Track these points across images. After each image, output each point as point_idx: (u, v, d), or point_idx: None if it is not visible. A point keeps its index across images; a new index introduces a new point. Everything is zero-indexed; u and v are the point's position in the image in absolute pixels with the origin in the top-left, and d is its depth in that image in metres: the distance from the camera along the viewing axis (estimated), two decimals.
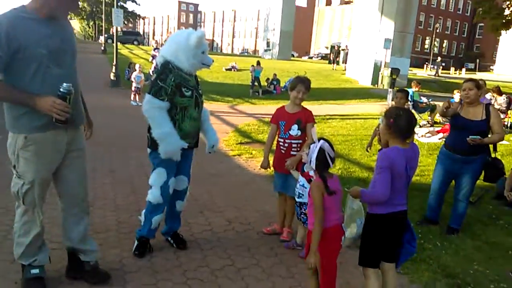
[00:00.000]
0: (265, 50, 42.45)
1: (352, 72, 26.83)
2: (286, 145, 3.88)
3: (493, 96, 10.94)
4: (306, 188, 3.60)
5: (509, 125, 10.77)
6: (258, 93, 17.76)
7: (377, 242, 2.73)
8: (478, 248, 4.19)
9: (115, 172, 5.78)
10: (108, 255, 3.47)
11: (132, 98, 12.74)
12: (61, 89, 2.41)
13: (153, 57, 17.77)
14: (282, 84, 19.26)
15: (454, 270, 3.67)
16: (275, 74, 19.69)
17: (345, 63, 28.49)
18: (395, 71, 21.47)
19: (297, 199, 3.66)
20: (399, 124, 2.60)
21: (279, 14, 39.90)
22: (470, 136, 4.04)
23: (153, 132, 3.24)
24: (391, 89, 16.72)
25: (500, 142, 5.20)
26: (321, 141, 2.70)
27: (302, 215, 3.67)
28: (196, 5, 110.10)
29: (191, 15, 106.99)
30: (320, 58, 51.79)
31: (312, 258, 2.61)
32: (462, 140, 4.10)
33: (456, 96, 10.80)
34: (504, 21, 11.71)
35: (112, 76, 16.37)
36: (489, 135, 4.22)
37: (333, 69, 28.12)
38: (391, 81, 20.97)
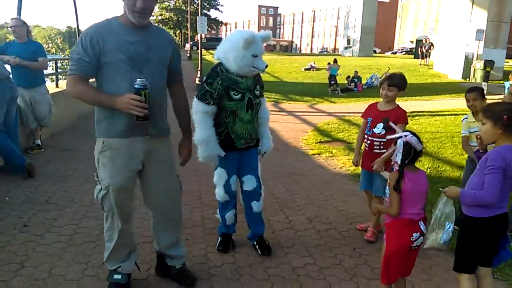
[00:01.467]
0: (345, 48, 41.56)
1: (441, 66, 25.23)
2: (368, 142, 3.80)
3: None
4: None
5: None
6: (337, 91, 17.43)
7: (476, 246, 2.53)
8: None
9: (199, 170, 6.01)
10: (194, 249, 3.61)
11: None
12: (136, 85, 2.41)
13: None
14: (363, 81, 18.71)
15: None
16: (356, 72, 19.18)
17: (429, 57, 27.03)
18: (489, 64, 19.92)
19: (385, 197, 3.53)
20: (508, 119, 2.38)
21: (360, 10, 38.84)
22: None
23: (194, 135, 3.17)
24: (485, 83, 15.47)
25: None
26: (408, 134, 2.56)
27: None
28: (275, 8, 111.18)
29: (271, 18, 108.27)
30: (404, 53, 49.43)
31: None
32: None
33: None
34: None
35: (197, 81, 17.07)
36: None
37: (420, 64, 26.76)
38: (485, 74, 19.47)
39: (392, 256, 2.58)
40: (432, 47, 27.47)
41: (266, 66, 3.26)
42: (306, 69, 26.06)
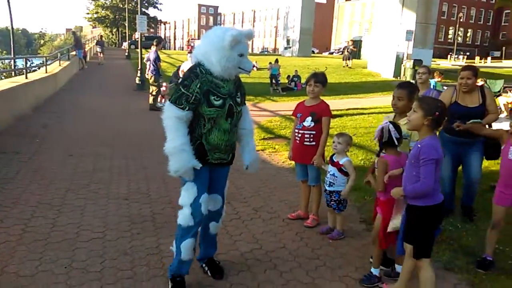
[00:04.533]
0: (285, 48, 42.50)
1: (374, 66, 26.64)
2: (299, 135, 4.18)
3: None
4: (336, 177, 3.90)
5: None
6: (278, 90, 17.94)
7: (432, 232, 2.81)
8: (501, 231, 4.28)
9: (147, 168, 6.10)
10: (146, 242, 3.78)
11: (159, 100, 13.14)
12: None
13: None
14: (303, 81, 19.38)
15: (474, 249, 3.80)
16: (296, 71, 19.81)
17: (351, 60, 28.49)
18: (417, 63, 21.25)
19: (327, 188, 3.96)
20: (441, 117, 2.68)
21: (299, 11, 39.92)
22: (471, 120, 4.07)
23: (165, 145, 2.83)
24: (413, 81, 16.59)
25: None
26: (387, 122, 2.95)
27: (332, 203, 3.95)
28: (215, 7, 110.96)
29: (211, 18, 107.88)
30: (341, 53, 51.52)
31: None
32: (464, 125, 4.06)
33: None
34: None
35: (137, 80, 16.86)
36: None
37: (344, 66, 27.93)
38: (414, 72, 20.82)
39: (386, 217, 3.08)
40: (354, 50, 28.95)
41: (254, 67, 3.18)
42: None
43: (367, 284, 3.21)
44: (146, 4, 54.89)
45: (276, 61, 19.66)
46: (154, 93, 12.31)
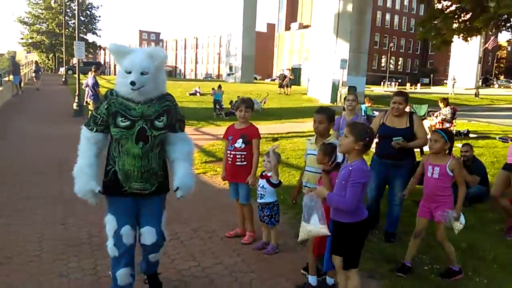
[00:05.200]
0: (228, 74, 43.31)
1: (313, 92, 27.84)
2: (231, 156, 4.42)
3: (440, 106, 11.86)
4: (266, 188, 4.15)
5: (454, 133, 11.63)
6: (221, 115, 18.23)
7: (361, 244, 3.04)
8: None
9: None
10: (83, 263, 3.80)
11: None
12: None
13: None
14: None
15: (395, 257, 4.16)
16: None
17: (290, 87, 29.50)
18: (351, 89, 22.51)
19: (259, 201, 4.20)
20: (371, 142, 2.94)
21: (240, 39, 41.03)
22: (393, 138, 4.42)
23: None
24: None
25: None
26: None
27: (265, 218, 4.19)
28: (157, 34, 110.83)
29: (152, 44, 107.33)
30: (277, 80, 53.29)
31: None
32: (390, 147, 4.46)
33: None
34: (442, 40, 12.78)
35: (75, 106, 16.47)
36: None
37: (279, 93, 28.92)
38: None
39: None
40: (286, 78, 30.08)
41: (132, 83, 2.72)
42: (191, 94, 26.59)
43: None
44: (84, 30, 53.73)
45: (219, 87, 20.03)
46: None
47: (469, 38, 12.98)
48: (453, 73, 40.96)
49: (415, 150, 4.97)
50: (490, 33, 17.18)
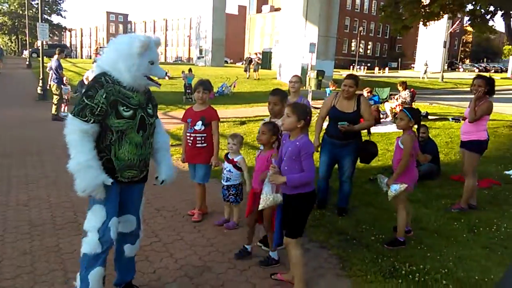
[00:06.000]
0: (198, 58, 42.92)
1: (283, 76, 28.02)
2: (191, 138, 4.57)
3: (399, 89, 12.31)
4: (232, 172, 4.40)
5: None
6: (191, 99, 18.22)
7: (306, 215, 3.26)
8: (369, 214, 5.04)
9: (49, 177, 6.08)
10: (46, 242, 3.92)
11: (62, 110, 12.77)
12: None
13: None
14: (215, 90, 19.85)
15: (345, 230, 4.47)
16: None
17: (257, 71, 28.99)
18: (320, 73, 22.87)
19: (225, 183, 4.43)
20: (310, 120, 3.20)
21: (210, 22, 40.60)
22: (339, 123, 4.71)
23: (69, 162, 2.60)
24: (311, 89, 17.81)
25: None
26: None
27: (231, 196, 4.45)
28: (125, 15, 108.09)
29: (120, 26, 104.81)
30: (243, 63, 53.20)
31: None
32: (338, 128, 4.73)
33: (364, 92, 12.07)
34: (403, 25, 13.16)
35: (39, 90, 16.14)
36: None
37: (248, 77, 28.53)
38: (317, 82, 22.34)
39: None
40: (252, 62, 29.70)
41: (166, 74, 3.06)
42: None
43: (265, 265, 3.66)
44: (48, 11, 51.97)
45: (190, 70, 19.95)
46: (55, 101, 12.00)
47: (428, 23, 13.42)
48: (425, 59, 41.93)
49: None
50: (457, 17, 17.78)
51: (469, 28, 42.73)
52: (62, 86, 12.67)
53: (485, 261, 3.91)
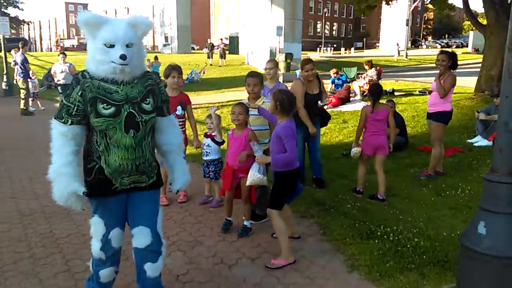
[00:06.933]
0: (164, 45, 42.36)
1: (252, 60, 28.14)
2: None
3: (365, 68, 12.71)
4: (211, 146, 4.67)
5: None
6: None
7: (286, 190, 3.54)
8: (344, 185, 5.37)
9: (29, 170, 6.12)
10: (39, 229, 4.06)
11: (30, 104, 12.55)
12: None
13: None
14: (184, 77, 19.83)
15: (323, 201, 4.77)
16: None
17: (224, 58, 28.43)
18: (289, 56, 23.11)
19: (205, 158, 4.69)
20: (285, 106, 3.41)
21: (174, 8, 40.03)
22: (319, 103, 5.22)
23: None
24: (281, 72, 17.99)
25: None
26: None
27: (211, 173, 4.70)
28: (85, 5, 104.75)
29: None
30: (205, 50, 52.81)
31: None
32: (311, 110, 5.11)
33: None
34: (366, 4, 13.56)
35: (3, 86, 15.75)
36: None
37: (211, 64, 27.86)
38: (287, 65, 22.58)
39: None
40: (214, 48, 29.07)
41: (123, 57, 2.29)
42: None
43: (244, 235, 3.93)
44: (4, 3, 49.95)
45: (156, 58, 19.80)
46: (23, 96, 11.81)
47: (390, 2, 13.84)
48: (396, 40, 42.91)
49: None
50: None
51: (430, 6, 44.00)
52: (29, 79, 12.46)
53: (452, 220, 4.29)
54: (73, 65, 12.01)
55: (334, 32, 76.89)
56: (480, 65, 13.52)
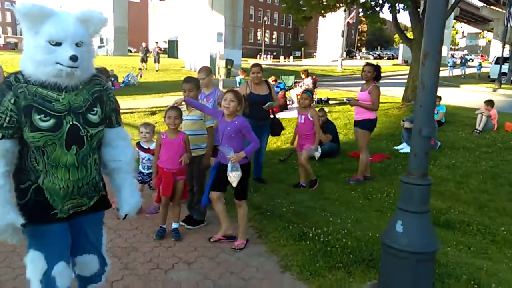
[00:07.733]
0: (99, 47, 40.90)
1: (192, 65, 27.99)
2: None
3: (302, 77, 13.18)
4: (151, 160, 4.62)
5: (316, 100, 13.08)
6: None
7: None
8: (280, 189, 5.57)
9: None
10: None
11: None
12: None
13: None
14: (120, 80, 19.33)
15: (260, 204, 4.92)
16: (112, 70, 19.59)
17: (158, 62, 26.68)
18: (229, 62, 23.35)
19: (146, 171, 4.78)
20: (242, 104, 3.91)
21: (111, 9, 38.91)
22: (268, 103, 5.42)
23: None
24: (222, 78, 18.16)
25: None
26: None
27: (151, 182, 4.68)
28: (13, 1, 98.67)
29: (7, 13, 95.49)
30: (139, 52, 51.83)
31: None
32: (257, 111, 5.28)
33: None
34: (303, 16, 14.14)
35: None
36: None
37: (145, 68, 25.07)
38: (227, 71, 22.77)
39: None
40: (147, 53, 27.72)
41: (74, 58, 1.93)
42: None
43: (179, 237, 3.99)
44: None
45: None
46: None
47: (325, 14, 14.49)
48: (338, 52, 44.23)
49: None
50: (353, 8, 19.44)
51: (364, 19, 46.38)
52: None
53: (377, 221, 4.61)
54: (0, 67, 11.30)
55: (274, 41, 78.52)
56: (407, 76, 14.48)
